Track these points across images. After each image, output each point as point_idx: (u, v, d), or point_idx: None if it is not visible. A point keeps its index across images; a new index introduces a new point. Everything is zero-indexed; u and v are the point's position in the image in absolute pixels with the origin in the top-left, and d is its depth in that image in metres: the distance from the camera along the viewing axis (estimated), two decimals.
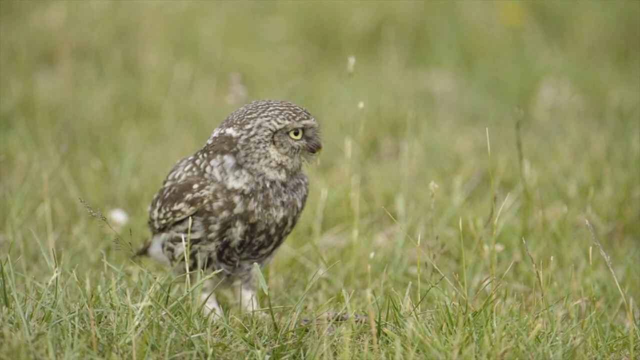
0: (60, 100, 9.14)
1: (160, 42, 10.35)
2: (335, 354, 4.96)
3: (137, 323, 4.81)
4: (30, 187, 7.01)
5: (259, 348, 4.93)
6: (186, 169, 5.25)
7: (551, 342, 5.00)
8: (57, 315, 4.91)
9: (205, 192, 5.17)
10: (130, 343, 4.78)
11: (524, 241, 5.84)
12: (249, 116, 5.18)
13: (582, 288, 5.98)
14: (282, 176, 5.20)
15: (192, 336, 4.87)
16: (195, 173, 5.22)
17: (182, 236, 5.23)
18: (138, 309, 4.83)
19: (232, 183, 5.17)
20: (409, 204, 7.02)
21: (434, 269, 5.51)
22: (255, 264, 5.12)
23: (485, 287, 5.56)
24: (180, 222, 5.24)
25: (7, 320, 4.90)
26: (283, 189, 5.22)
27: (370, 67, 10.51)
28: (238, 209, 5.17)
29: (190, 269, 5.26)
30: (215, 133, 5.23)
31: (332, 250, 6.50)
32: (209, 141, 5.24)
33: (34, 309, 4.97)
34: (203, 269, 5.25)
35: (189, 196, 5.19)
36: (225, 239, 5.20)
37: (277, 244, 5.29)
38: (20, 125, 8.44)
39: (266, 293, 5.05)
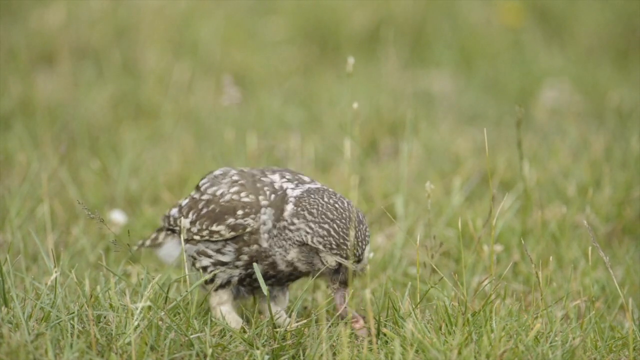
0: (59, 100, 9.14)
1: (160, 42, 10.34)
2: (334, 354, 4.96)
3: (136, 323, 4.81)
4: (30, 187, 7.01)
5: (258, 348, 4.93)
6: (232, 190, 5.13)
7: (550, 343, 5.00)
8: (57, 316, 4.91)
9: (249, 220, 5.08)
10: (129, 343, 4.78)
11: (523, 241, 5.84)
12: (308, 214, 4.99)
13: (582, 288, 5.98)
14: (287, 270, 5.08)
15: (192, 336, 4.87)
16: (244, 199, 5.11)
17: (210, 253, 5.15)
18: (137, 309, 4.83)
19: (264, 241, 5.07)
20: (409, 204, 7.02)
21: (433, 269, 5.51)
22: (255, 264, 5.10)
23: (485, 287, 5.56)
24: (213, 241, 5.14)
25: (6, 321, 4.90)
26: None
27: (370, 67, 10.51)
28: (260, 249, 5.10)
29: (207, 282, 5.19)
30: (287, 185, 5.09)
31: None
32: (278, 184, 5.10)
33: (33, 309, 4.97)
34: (222, 287, 5.18)
35: (231, 221, 5.08)
36: (249, 270, 5.15)
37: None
38: (19, 125, 8.44)
39: (265, 294, 5.05)
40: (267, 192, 5.10)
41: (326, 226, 4.96)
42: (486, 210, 6.95)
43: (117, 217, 6.82)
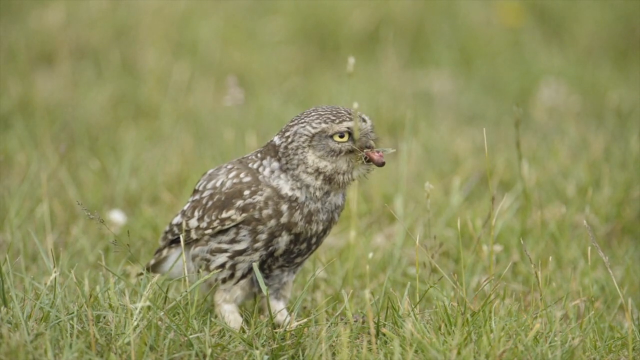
0: (58, 100, 9.15)
1: (159, 42, 10.35)
2: (334, 354, 4.97)
3: (135, 323, 4.81)
4: (29, 187, 7.01)
5: (257, 348, 4.93)
6: (231, 175, 5.14)
7: (550, 343, 5.00)
8: (56, 316, 4.91)
9: (258, 197, 5.09)
10: (128, 343, 4.78)
11: (522, 241, 5.84)
12: (291, 124, 5.12)
13: (581, 288, 5.98)
14: (318, 183, 5.08)
15: (191, 336, 4.87)
16: (245, 179, 5.15)
17: (225, 247, 5.14)
18: (136, 309, 4.83)
19: (282, 185, 5.09)
20: (408, 204, 7.02)
21: (433, 269, 5.51)
22: (254, 263, 5.10)
23: (484, 288, 5.57)
24: (224, 232, 5.14)
25: (5, 321, 4.90)
26: (326, 202, 5.14)
27: (369, 67, 10.51)
28: (284, 219, 5.10)
29: (224, 280, 5.18)
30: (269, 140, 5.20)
31: (331, 251, 6.50)
32: (262, 148, 5.19)
33: (33, 309, 4.97)
34: (242, 278, 5.18)
35: (239, 203, 5.08)
36: (270, 248, 5.12)
37: (313, 251, 5.23)
38: (19, 125, 8.44)
39: (265, 293, 5.05)
40: (254, 156, 5.18)
41: (313, 114, 5.13)
42: (485, 210, 6.95)
43: (117, 217, 6.83)
